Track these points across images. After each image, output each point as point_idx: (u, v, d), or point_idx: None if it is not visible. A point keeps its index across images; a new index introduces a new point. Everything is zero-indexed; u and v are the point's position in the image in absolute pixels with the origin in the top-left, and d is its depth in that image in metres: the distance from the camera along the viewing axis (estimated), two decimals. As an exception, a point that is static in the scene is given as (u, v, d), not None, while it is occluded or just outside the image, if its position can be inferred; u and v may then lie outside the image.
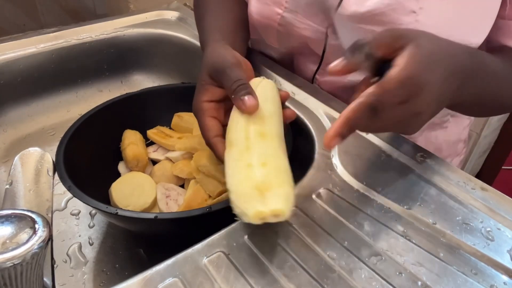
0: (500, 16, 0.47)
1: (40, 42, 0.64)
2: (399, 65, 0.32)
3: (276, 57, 0.63)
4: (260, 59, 0.61)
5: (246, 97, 0.38)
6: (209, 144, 0.41)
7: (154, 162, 0.53)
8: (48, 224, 0.25)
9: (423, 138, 0.59)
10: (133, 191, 0.46)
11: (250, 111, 0.38)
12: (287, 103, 0.52)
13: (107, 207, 0.37)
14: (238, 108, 0.39)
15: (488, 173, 1.58)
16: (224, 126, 0.42)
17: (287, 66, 0.60)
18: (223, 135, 0.41)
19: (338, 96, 0.54)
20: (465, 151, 0.68)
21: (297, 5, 0.53)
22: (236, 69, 0.41)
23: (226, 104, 0.43)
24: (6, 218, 0.25)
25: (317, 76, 0.59)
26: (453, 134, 0.62)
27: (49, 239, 0.25)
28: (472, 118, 0.65)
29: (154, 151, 0.53)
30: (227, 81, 0.40)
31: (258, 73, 0.57)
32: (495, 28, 0.47)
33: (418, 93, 0.32)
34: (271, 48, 0.62)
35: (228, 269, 0.32)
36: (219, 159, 0.39)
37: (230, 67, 0.41)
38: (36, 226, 0.25)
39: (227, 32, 0.53)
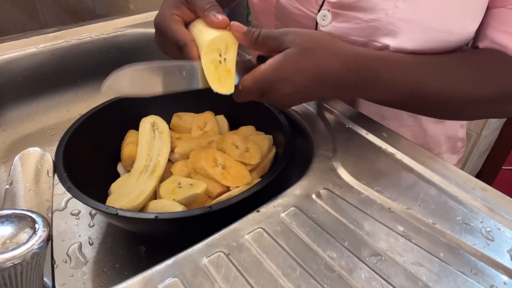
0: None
1: (40, 42, 0.64)
2: (260, 68, 0.39)
3: None
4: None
5: (218, 15, 0.41)
6: (185, 45, 0.42)
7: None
8: (48, 224, 0.25)
9: (421, 130, 0.59)
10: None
11: (222, 26, 0.41)
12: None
13: (107, 208, 0.37)
14: (210, 22, 0.41)
15: (488, 173, 1.58)
16: None
17: None
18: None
19: None
20: (464, 151, 0.68)
21: None
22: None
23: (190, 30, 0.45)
24: (6, 218, 0.25)
25: None
26: (451, 129, 0.62)
27: (49, 239, 0.25)
28: None
29: None
30: (200, 1, 0.43)
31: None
32: (484, 21, 0.47)
33: (270, 91, 0.39)
34: None
35: (228, 269, 0.32)
36: (193, 57, 0.41)
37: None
38: (36, 226, 0.25)
39: None
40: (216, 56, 0.39)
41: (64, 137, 0.45)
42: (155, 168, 0.45)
